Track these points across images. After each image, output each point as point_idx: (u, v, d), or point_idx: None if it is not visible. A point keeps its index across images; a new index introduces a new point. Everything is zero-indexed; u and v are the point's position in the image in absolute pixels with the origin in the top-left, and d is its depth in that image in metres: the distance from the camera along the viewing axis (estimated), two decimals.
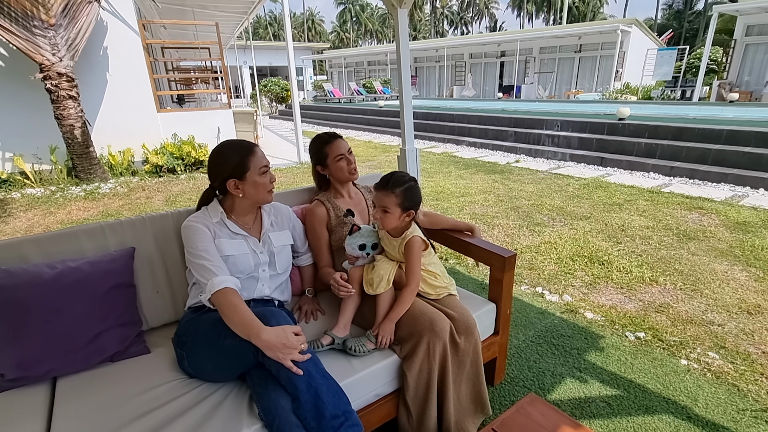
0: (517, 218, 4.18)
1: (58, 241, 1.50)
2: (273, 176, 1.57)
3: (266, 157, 1.58)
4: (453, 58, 22.16)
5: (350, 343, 1.45)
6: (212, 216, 1.54)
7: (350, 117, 13.24)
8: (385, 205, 1.55)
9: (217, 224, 1.52)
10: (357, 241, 1.66)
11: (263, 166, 1.52)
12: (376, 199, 1.59)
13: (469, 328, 1.51)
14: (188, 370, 1.38)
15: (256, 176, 1.50)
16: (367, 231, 1.69)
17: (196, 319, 1.41)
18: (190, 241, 1.45)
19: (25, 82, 5.50)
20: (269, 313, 1.29)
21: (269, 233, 1.64)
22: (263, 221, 1.66)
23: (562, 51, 18.36)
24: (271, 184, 1.57)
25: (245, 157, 1.50)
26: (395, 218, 1.55)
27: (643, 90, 14.26)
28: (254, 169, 1.50)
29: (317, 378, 1.21)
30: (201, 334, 1.34)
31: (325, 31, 52.78)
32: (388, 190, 1.54)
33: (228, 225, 1.54)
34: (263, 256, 1.58)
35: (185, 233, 1.47)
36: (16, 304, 1.35)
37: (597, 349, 2.16)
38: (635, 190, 5.10)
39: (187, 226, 1.48)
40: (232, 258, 1.48)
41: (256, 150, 1.54)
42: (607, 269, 3.04)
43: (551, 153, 7.17)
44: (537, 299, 2.67)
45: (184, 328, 1.42)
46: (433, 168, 6.70)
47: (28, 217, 4.54)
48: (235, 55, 18.00)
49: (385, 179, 1.58)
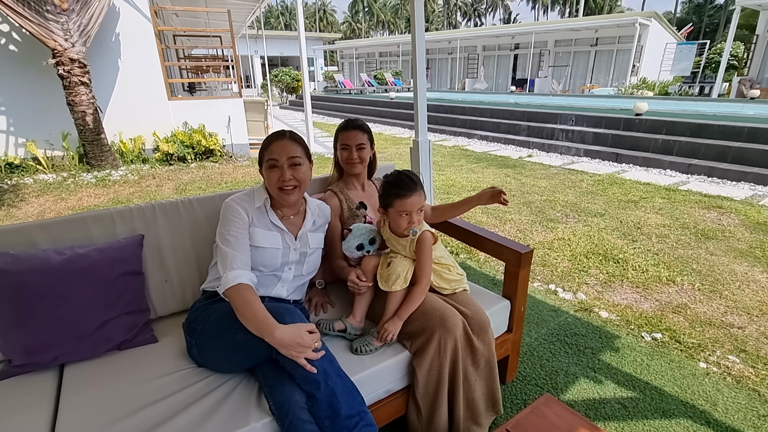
0: (529, 214, 4.10)
1: (66, 227, 1.48)
2: (286, 175, 1.40)
3: (292, 150, 1.42)
4: (466, 50, 21.86)
5: (356, 344, 1.42)
6: (256, 200, 1.48)
7: (361, 108, 13.15)
8: (421, 205, 1.48)
9: (258, 210, 1.46)
10: (352, 243, 1.63)
11: (270, 159, 1.41)
12: (409, 206, 1.45)
13: (483, 327, 1.47)
14: (197, 359, 1.36)
15: (266, 169, 1.43)
16: (359, 230, 1.65)
17: (208, 308, 1.38)
18: (224, 221, 1.42)
19: (38, 68, 5.52)
20: (284, 310, 1.25)
21: (309, 233, 1.57)
22: (306, 219, 1.57)
23: (577, 44, 18.00)
24: (281, 182, 1.40)
25: (264, 147, 1.45)
26: (422, 216, 1.51)
27: (660, 85, 13.94)
28: (265, 162, 1.44)
29: (333, 377, 1.18)
30: (212, 324, 1.32)
31: (336, 21, 52.39)
32: (419, 190, 1.46)
33: (268, 213, 1.48)
34: (293, 255, 1.50)
35: (223, 211, 1.43)
36: (23, 289, 1.33)
37: (612, 349, 2.10)
38: (651, 187, 4.98)
39: (228, 205, 1.44)
40: (262, 250, 1.43)
41: (276, 143, 1.43)
42: (623, 267, 2.96)
43: (565, 148, 7.04)
44: (550, 296, 2.61)
45: (196, 314, 1.39)
46: (444, 161, 6.62)
47: (39, 203, 4.57)
48: (247, 45, 17.93)
49: (406, 181, 1.46)
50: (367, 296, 1.57)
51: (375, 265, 1.59)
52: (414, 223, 1.48)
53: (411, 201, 1.45)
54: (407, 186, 1.45)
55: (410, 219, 1.47)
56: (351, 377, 1.28)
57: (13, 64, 5.61)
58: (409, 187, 1.45)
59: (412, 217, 1.47)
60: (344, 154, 1.77)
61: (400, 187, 1.46)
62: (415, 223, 1.48)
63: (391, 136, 9.53)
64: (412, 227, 1.48)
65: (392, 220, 1.52)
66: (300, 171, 1.44)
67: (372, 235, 1.65)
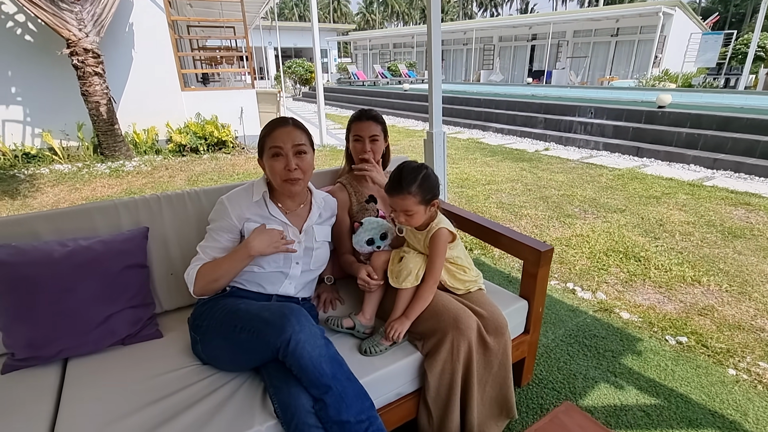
0: (546, 209, 3.98)
1: (70, 218, 1.45)
2: (292, 164, 1.31)
3: (297, 137, 1.34)
4: (481, 41, 21.46)
5: (365, 345, 1.35)
6: (255, 193, 1.41)
7: (374, 100, 13.02)
8: (404, 208, 1.38)
9: (256, 204, 1.40)
10: (363, 237, 1.56)
11: (273, 147, 1.32)
12: (392, 204, 1.41)
13: (499, 328, 1.39)
14: (201, 356, 1.32)
15: (268, 158, 1.34)
16: (370, 224, 1.57)
17: (214, 305, 1.33)
18: (211, 220, 1.41)
19: (54, 59, 5.55)
20: (288, 310, 1.18)
21: (315, 225, 1.49)
22: (311, 211, 1.50)
23: (597, 35, 17.50)
24: (287, 172, 1.31)
25: (265, 134, 1.36)
26: (421, 216, 1.40)
27: (684, 77, 13.48)
28: (267, 150, 1.34)
29: (342, 380, 1.12)
30: (217, 322, 1.27)
31: (350, 12, 52.00)
32: (402, 193, 1.35)
33: (268, 205, 1.41)
34: (298, 249, 1.42)
35: (215, 207, 1.41)
36: (25, 281, 1.30)
37: (634, 352, 2.01)
38: (674, 182, 4.79)
39: (219, 203, 1.40)
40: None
41: (280, 129, 1.34)
42: (644, 266, 2.84)
43: (583, 141, 6.84)
44: (568, 295, 2.52)
45: (201, 311, 1.35)
46: (458, 154, 6.50)
47: (54, 193, 4.61)
48: (260, 36, 17.92)
49: (395, 179, 1.37)
50: (377, 293, 1.51)
51: (386, 261, 1.53)
52: (401, 222, 1.42)
53: (394, 201, 1.39)
54: (396, 185, 1.37)
55: (397, 215, 1.42)
56: (360, 379, 1.22)
57: (30, 55, 5.66)
58: (396, 187, 1.37)
59: (398, 214, 1.41)
60: (357, 146, 1.70)
61: (391, 181, 1.40)
62: (401, 221, 1.42)
63: (404, 128, 9.41)
64: (400, 224, 1.45)
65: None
66: (305, 160, 1.36)
67: (383, 229, 1.58)
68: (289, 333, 1.09)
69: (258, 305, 1.24)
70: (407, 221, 1.41)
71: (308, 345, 1.09)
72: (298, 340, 1.08)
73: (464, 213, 1.91)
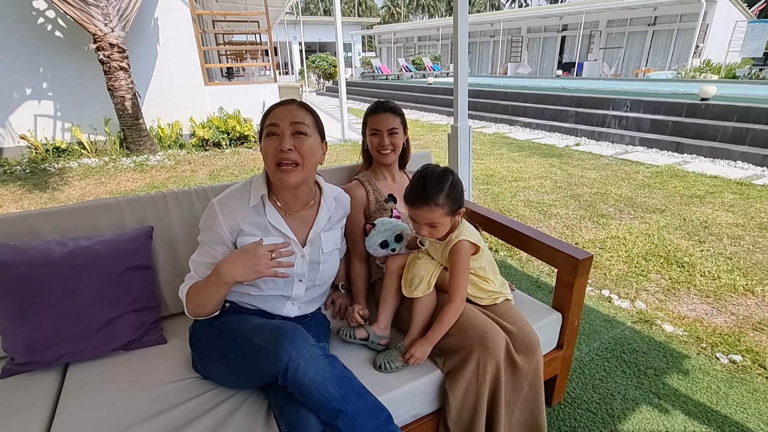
0: (577, 208, 3.74)
1: (72, 216, 1.38)
2: (286, 143, 1.08)
3: (298, 115, 1.13)
4: (509, 33, 20.84)
5: (380, 360, 1.22)
6: (253, 194, 1.19)
7: (397, 94, 12.82)
8: (430, 220, 1.22)
9: (253, 210, 1.19)
10: (376, 239, 1.43)
11: (269, 125, 1.11)
12: (415, 216, 1.24)
13: (530, 347, 1.24)
14: (201, 372, 1.22)
15: (264, 139, 1.14)
16: (384, 225, 1.44)
17: (210, 323, 1.21)
18: (202, 228, 1.21)
19: (82, 54, 5.65)
20: (281, 333, 1.02)
21: (322, 233, 1.28)
22: (319, 215, 1.27)
23: (633, 24, 16.66)
24: (279, 152, 1.09)
25: (265, 115, 1.17)
26: (447, 227, 1.25)
27: (727, 68, 12.67)
28: (264, 130, 1.15)
29: (353, 400, 0.99)
30: (212, 343, 1.16)
31: (375, 6, 51.64)
32: (429, 204, 1.19)
33: (267, 212, 1.19)
34: (301, 265, 1.23)
35: (205, 213, 1.21)
36: (24, 282, 1.23)
37: (680, 371, 1.80)
38: (719, 180, 4.44)
39: (210, 209, 1.19)
40: None
41: (280, 107, 1.14)
42: (689, 273, 2.60)
43: (617, 136, 6.47)
44: (603, 304, 2.32)
45: (197, 327, 1.24)
46: (484, 149, 6.27)
47: (81, 186, 4.69)
48: (285, 31, 17.98)
49: (419, 187, 1.20)
50: (392, 301, 1.38)
51: (401, 266, 1.39)
52: (423, 235, 1.26)
53: (418, 212, 1.23)
54: (420, 195, 1.20)
55: (419, 228, 1.25)
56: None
57: (60, 51, 5.78)
58: (421, 197, 1.20)
59: (420, 227, 1.25)
60: (374, 140, 1.57)
61: (414, 190, 1.22)
62: (423, 234, 1.25)
63: (428, 122, 9.20)
64: (421, 237, 1.29)
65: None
66: (305, 143, 1.12)
67: (398, 230, 1.44)
68: (285, 361, 0.96)
69: (251, 326, 1.10)
70: (431, 234, 1.26)
71: (309, 370, 0.96)
72: (297, 367, 0.95)
73: (489, 213, 1.75)
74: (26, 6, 5.50)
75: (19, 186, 4.69)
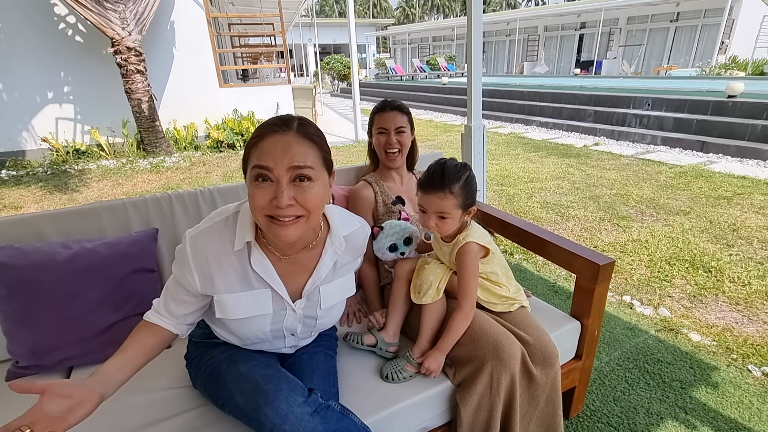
0: (596, 209, 3.62)
1: (76, 218, 1.36)
2: (283, 199, 0.77)
3: (299, 153, 0.80)
4: (525, 32, 20.55)
5: (387, 370, 1.17)
6: (239, 235, 0.89)
7: (411, 95, 12.75)
8: (441, 209, 1.16)
9: (237, 255, 0.91)
10: (384, 243, 1.37)
11: (257, 166, 0.79)
12: (426, 203, 1.19)
13: (547, 358, 1.16)
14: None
15: (249, 182, 0.82)
16: (392, 228, 1.38)
17: (204, 353, 1.12)
18: (176, 268, 0.92)
19: (100, 58, 5.76)
20: (262, 396, 0.91)
21: (322, 286, 1.01)
22: (322, 260, 0.99)
23: (654, 20, 16.22)
24: (274, 208, 0.79)
25: (252, 143, 0.83)
26: (455, 223, 1.19)
27: (755, 64, 12.20)
28: (249, 170, 0.82)
29: None
30: (202, 379, 1.09)
31: (390, 6, 51.67)
32: (443, 191, 1.14)
33: (252, 257, 0.91)
34: (292, 319, 1.00)
35: (178, 246, 0.91)
36: (27, 285, 1.22)
37: (708, 384, 1.70)
38: (748, 181, 4.24)
39: (182, 247, 0.89)
40: (240, 322, 0.96)
41: (271, 139, 0.80)
42: (716, 279, 2.47)
43: (638, 135, 6.27)
44: (624, 310, 2.21)
45: (190, 352, 1.18)
46: (499, 150, 6.15)
47: (99, 188, 4.76)
48: (300, 33, 18.10)
49: (436, 174, 1.16)
50: (401, 307, 1.32)
51: (411, 270, 1.34)
52: (429, 227, 1.20)
53: (430, 199, 1.17)
54: (436, 181, 1.16)
55: (427, 219, 1.19)
56: (381, 411, 1.08)
57: (80, 55, 5.91)
58: (437, 183, 1.15)
59: (428, 217, 1.19)
60: (381, 140, 1.52)
61: (431, 176, 1.18)
62: (431, 226, 1.19)
63: (443, 123, 9.11)
64: (427, 229, 1.23)
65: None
66: (309, 192, 0.81)
67: (407, 233, 1.39)
68: (269, 428, 0.86)
69: (235, 376, 0.99)
70: (438, 226, 1.20)
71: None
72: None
73: (504, 215, 1.68)
74: (48, 12, 5.64)
75: (41, 187, 4.79)
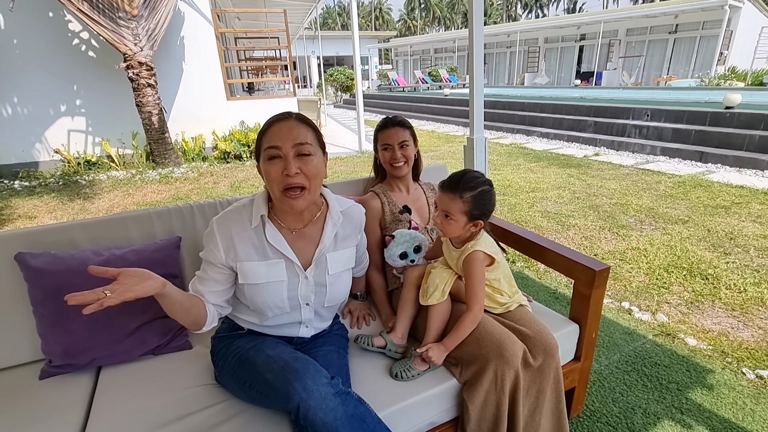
0: (596, 219, 3.70)
1: (106, 227, 1.46)
2: (292, 168, 1.03)
3: (300, 134, 1.06)
4: (526, 43, 20.84)
5: (396, 369, 1.25)
6: (255, 213, 1.14)
7: (413, 106, 12.94)
8: (448, 209, 1.27)
9: (254, 231, 1.14)
10: (395, 251, 1.46)
11: (269, 147, 1.04)
12: (439, 201, 1.32)
13: (548, 349, 1.24)
14: (223, 385, 1.26)
15: (264, 162, 1.07)
16: (402, 236, 1.48)
17: (229, 344, 1.23)
18: (203, 245, 1.17)
19: (112, 72, 5.94)
20: (291, 372, 1.03)
21: (327, 254, 1.21)
22: (324, 232, 1.20)
23: (653, 32, 16.44)
24: (286, 177, 1.03)
25: (262, 133, 1.10)
26: (459, 227, 1.29)
27: (753, 75, 12.34)
28: (263, 153, 1.08)
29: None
30: (229, 368, 1.18)
31: (392, 19, 52.44)
32: (455, 193, 1.25)
33: (267, 232, 1.14)
34: (305, 287, 1.18)
35: (207, 230, 1.17)
36: (62, 289, 1.30)
37: (704, 386, 1.76)
38: (746, 191, 4.32)
39: (210, 229, 1.15)
40: (257, 287, 1.14)
41: (278, 125, 1.07)
42: (713, 285, 2.54)
43: (638, 146, 6.38)
44: (623, 316, 2.28)
45: (216, 346, 1.28)
46: (501, 160, 6.26)
47: (110, 198, 4.88)
48: (304, 45, 18.42)
49: (455, 178, 1.29)
50: (410, 311, 1.41)
51: (420, 276, 1.43)
52: (435, 223, 1.33)
53: (442, 197, 1.29)
54: (453, 183, 1.28)
55: (437, 215, 1.32)
56: (391, 407, 1.15)
57: (92, 70, 6.08)
58: (452, 185, 1.28)
59: (438, 213, 1.31)
60: (386, 155, 1.62)
61: (451, 178, 1.31)
62: (436, 222, 1.32)
63: (444, 134, 9.25)
64: (435, 226, 1.36)
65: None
66: (310, 163, 1.06)
67: (417, 242, 1.48)
68: (296, 401, 0.96)
69: (264, 359, 1.11)
70: (442, 225, 1.30)
71: (320, 411, 0.95)
72: (307, 408, 0.96)
73: (506, 224, 1.77)
74: (63, 29, 5.83)
75: (53, 198, 4.92)
